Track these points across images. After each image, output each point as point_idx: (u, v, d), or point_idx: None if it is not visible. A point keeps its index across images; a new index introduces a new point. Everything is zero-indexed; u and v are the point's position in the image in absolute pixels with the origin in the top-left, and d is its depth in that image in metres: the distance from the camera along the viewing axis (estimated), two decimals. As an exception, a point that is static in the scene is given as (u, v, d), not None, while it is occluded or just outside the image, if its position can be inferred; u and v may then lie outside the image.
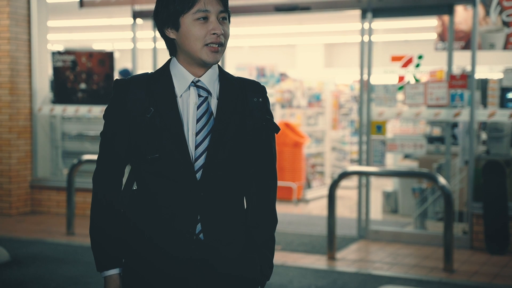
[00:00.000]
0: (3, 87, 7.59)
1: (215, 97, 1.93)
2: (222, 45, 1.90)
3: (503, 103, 6.31)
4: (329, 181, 9.59)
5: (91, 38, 14.04)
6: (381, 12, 6.53)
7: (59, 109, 7.76)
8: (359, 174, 6.19)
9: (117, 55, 8.13)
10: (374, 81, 6.62)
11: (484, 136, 7.03)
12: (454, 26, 6.34)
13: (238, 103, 1.95)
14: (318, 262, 5.64)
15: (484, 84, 6.62)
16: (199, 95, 1.92)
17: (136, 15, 7.41)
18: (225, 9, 1.90)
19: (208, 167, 1.88)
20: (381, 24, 9.70)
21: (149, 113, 1.87)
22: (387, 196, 8.11)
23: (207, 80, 1.93)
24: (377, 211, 8.05)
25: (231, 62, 10.09)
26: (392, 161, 9.93)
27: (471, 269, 5.42)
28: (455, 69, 7.49)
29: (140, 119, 1.88)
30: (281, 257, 5.71)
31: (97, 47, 13.88)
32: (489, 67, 11.28)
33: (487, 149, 6.62)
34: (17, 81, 7.64)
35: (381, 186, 9.56)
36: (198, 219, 1.89)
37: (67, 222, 6.63)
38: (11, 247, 5.89)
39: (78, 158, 6.71)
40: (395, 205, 8.05)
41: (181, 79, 1.92)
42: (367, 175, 6.34)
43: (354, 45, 13.58)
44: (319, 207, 8.70)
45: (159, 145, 1.87)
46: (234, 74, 2.07)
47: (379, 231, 6.53)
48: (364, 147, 6.66)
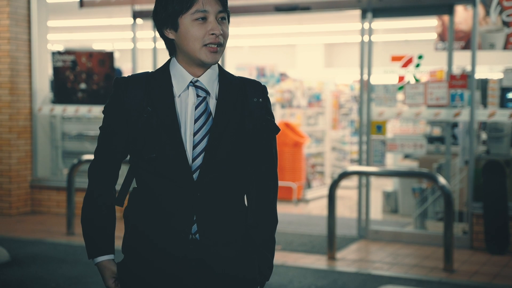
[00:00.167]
0: (3, 87, 7.59)
1: (214, 97, 1.93)
2: (221, 45, 1.89)
3: (503, 103, 6.30)
4: (329, 181, 9.59)
5: (91, 38, 14.03)
6: (381, 12, 6.53)
7: (59, 109, 7.75)
8: (359, 174, 6.19)
9: (117, 55, 8.13)
10: (374, 81, 6.62)
11: (484, 136, 7.03)
12: (454, 26, 6.33)
13: (237, 103, 1.94)
14: (318, 262, 5.64)
15: (484, 84, 6.61)
16: (198, 95, 1.91)
17: (136, 15, 7.40)
18: (224, 9, 1.89)
19: (205, 168, 1.88)
20: (381, 24, 9.70)
21: (146, 113, 1.88)
22: (387, 196, 8.11)
23: (206, 80, 1.93)
24: (377, 211, 8.05)
25: (231, 62, 10.10)
26: (392, 161, 9.93)
27: (471, 269, 5.42)
28: (455, 69, 7.49)
29: (137, 118, 1.88)
30: (281, 257, 5.71)
31: (97, 47, 13.86)
32: (489, 67, 11.28)
33: (487, 149, 6.61)
34: (17, 81, 7.64)
35: (381, 186, 9.55)
36: (194, 219, 1.89)
37: (67, 222, 6.64)
38: (11, 247, 5.89)
39: (78, 158, 6.72)
40: (395, 205, 8.05)
41: (180, 79, 1.92)
42: (367, 175, 6.34)
43: (354, 45, 13.58)
44: (319, 207, 8.70)
45: (156, 145, 1.87)
46: (234, 74, 2.05)
47: (379, 231, 6.53)
48: (364, 147, 6.65)
